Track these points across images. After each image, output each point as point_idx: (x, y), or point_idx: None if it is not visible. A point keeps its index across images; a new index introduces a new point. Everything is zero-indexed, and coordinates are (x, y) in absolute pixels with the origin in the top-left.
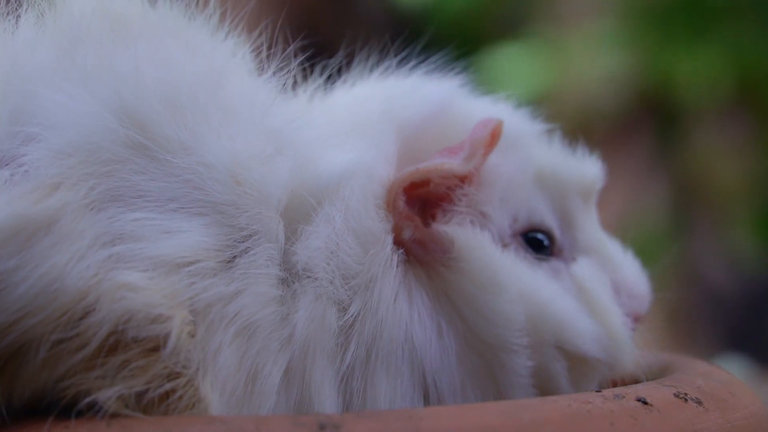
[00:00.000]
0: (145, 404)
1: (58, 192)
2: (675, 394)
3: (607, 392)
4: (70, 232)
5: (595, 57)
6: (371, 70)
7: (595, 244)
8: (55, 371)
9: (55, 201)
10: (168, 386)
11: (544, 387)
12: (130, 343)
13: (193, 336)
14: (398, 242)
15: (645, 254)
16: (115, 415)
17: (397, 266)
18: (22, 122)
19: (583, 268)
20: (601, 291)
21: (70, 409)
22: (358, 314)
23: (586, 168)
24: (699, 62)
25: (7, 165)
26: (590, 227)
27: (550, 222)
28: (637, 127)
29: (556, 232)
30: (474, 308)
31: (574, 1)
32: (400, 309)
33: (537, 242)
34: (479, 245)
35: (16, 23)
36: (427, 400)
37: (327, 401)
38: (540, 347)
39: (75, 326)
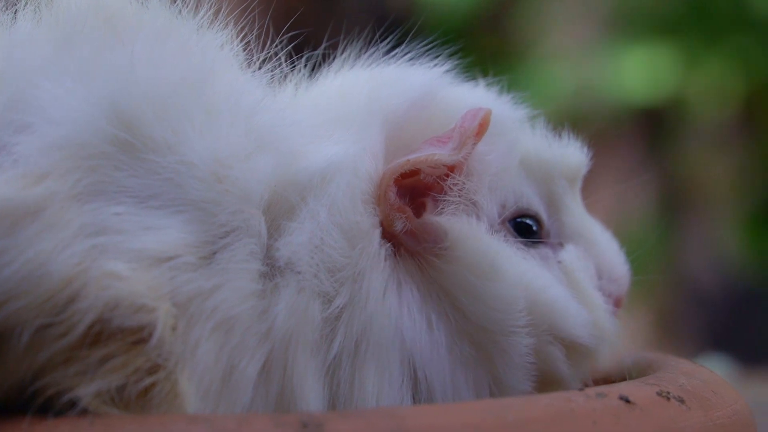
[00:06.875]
0: (124, 400)
1: (47, 181)
2: (658, 393)
3: (590, 391)
4: (57, 220)
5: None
6: (355, 60)
7: (580, 229)
8: (37, 360)
9: (43, 189)
10: (148, 381)
11: (543, 370)
12: (114, 333)
13: (174, 329)
14: (386, 236)
15: (632, 254)
16: (98, 414)
17: (386, 260)
18: (18, 111)
19: (570, 255)
20: (588, 280)
21: (47, 408)
22: (345, 306)
23: (571, 152)
24: (707, 72)
25: None
26: (576, 210)
27: (537, 207)
28: (627, 128)
29: (543, 217)
30: (472, 295)
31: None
32: (390, 304)
33: (525, 227)
34: (473, 234)
35: (15, 17)
36: (416, 391)
37: (311, 393)
38: (536, 328)
39: (61, 312)
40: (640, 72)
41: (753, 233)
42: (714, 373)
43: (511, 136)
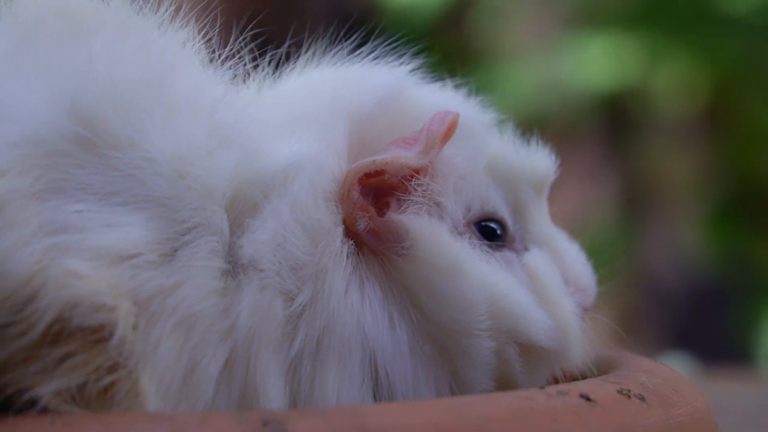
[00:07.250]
0: (85, 398)
1: (5, 178)
2: (618, 391)
3: (551, 389)
4: (16, 218)
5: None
6: (319, 58)
7: (545, 237)
8: None
9: (1, 187)
10: (108, 379)
11: (503, 370)
12: (74, 332)
13: (135, 328)
14: (349, 234)
15: (595, 252)
16: (58, 413)
17: (348, 258)
18: None
19: (535, 258)
20: (553, 282)
21: (8, 407)
22: (307, 303)
23: (539, 159)
24: (672, 65)
25: None
26: (542, 219)
27: (503, 212)
28: (590, 124)
29: (509, 222)
30: (433, 295)
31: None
32: (352, 301)
33: (490, 231)
34: (435, 234)
35: None
36: (377, 389)
37: (273, 390)
38: (496, 331)
39: (20, 310)
40: (602, 60)
41: (716, 231)
42: (675, 371)
43: (477, 140)
